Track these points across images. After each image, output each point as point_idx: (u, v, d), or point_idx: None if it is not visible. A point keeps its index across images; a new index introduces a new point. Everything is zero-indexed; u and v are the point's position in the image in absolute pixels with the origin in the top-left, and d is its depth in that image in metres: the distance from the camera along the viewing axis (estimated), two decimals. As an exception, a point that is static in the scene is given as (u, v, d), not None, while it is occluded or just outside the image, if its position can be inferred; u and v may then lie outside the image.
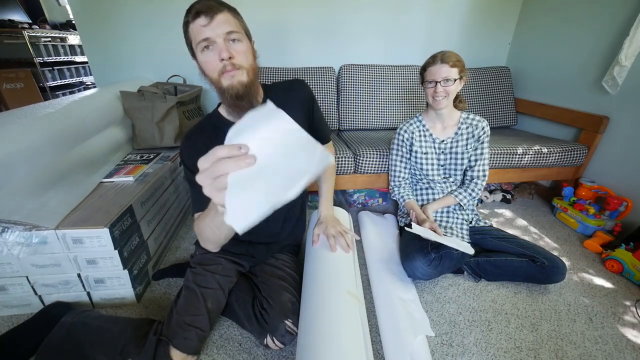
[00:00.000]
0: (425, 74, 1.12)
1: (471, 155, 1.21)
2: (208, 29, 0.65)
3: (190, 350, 0.75)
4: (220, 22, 0.66)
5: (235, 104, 0.73)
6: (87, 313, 0.87)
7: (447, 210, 1.25)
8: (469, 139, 1.19)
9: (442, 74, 1.06)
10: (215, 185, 0.38)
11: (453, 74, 1.06)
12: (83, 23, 1.68)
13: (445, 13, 1.95)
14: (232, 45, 0.68)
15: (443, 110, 1.14)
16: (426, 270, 1.03)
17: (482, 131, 1.18)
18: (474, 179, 1.22)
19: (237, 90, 0.70)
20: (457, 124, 1.20)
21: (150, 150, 1.44)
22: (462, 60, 1.09)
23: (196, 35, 0.67)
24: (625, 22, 1.39)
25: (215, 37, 0.66)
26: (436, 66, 1.07)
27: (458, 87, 1.10)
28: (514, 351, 0.88)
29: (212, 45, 0.67)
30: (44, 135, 1.00)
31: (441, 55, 1.07)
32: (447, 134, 1.22)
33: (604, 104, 1.51)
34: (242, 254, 0.95)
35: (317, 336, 0.69)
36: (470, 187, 1.23)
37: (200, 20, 0.65)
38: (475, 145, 1.20)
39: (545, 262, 1.03)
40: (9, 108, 2.62)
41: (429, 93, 1.12)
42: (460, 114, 1.21)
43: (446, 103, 1.11)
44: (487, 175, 1.22)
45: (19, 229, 0.84)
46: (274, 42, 1.88)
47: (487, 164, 1.22)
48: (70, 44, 3.36)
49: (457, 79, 1.07)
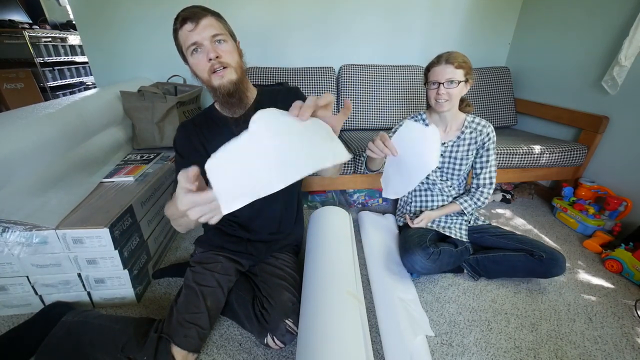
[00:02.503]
0: (429, 74, 1.07)
1: (476, 163, 1.17)
2: (195, 33, 0.70)
3: (191, 347, 0.75)
4: (205, 26, 0.71)
5: (227, 100, 0.79)
6: (88, 313, 0.87)
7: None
8: (471, 144, 1.14)
9: (446, 75, 1.01)
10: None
11: (458, 76, 1.01)
12: (83, 23, 1.68)
13: (445, 13, 1.95)
14: (218, 46, 0.73)
15: (446, 113, 1.10)
16: (425, 263, 1.03)
17: (486, 137, 1.12)
18: (480, 187, 1.18)
19: (228, 88, 0.75)
20: (460, 128, 1.15)
21: (151, 150, 1.44)
22: (469, 63, 1.03)
23: (185, 40, 0.72)
24: (625, 22, 1.39)
25: (202, 40, 0.71)
26: (440, 67, 1.02)
27: (463, 90, 1.04)
28: (514, 351, 0.88)
29: (200, 48, 0.72)
30: (44, 135, 1.00)
31: (447, 55, 1.02)
32: (448, 137, 1.16)
33: (604, 104, 1.51)
34: (241, 252, 0.95)
35: (317, 336, 0.69)
36: (476, 196, 1.18)
37: (187, 26, 0.70)
38: (480, 153, 1.15)
39: (544, 255, 1.03)
40: (9, 108, 2.62)
41: (431, 95, 1.07)
42: (466, 117, 1.15)
43: (449, 106, 1.06)
44: (494, 183, 1.17)
45: (19, 229, 0.84)
46: (274, 42, 1.88)
47: (494, 170, 1.16)
48: (70, 44, 3.36)
49: (462, 82, 1.02)
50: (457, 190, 1.24)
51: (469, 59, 1.04)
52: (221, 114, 0.87)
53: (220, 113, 0.87)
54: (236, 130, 0.84)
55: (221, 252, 0.94)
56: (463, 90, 1.04)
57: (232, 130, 0.84)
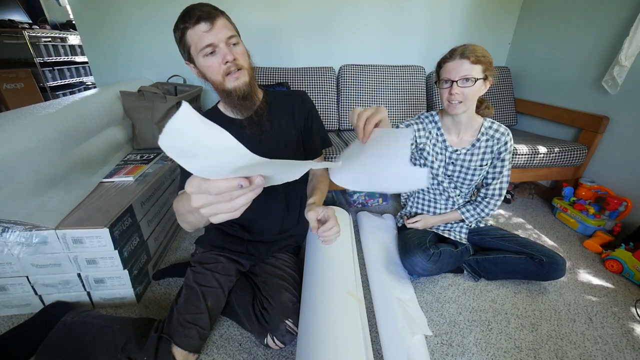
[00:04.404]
0: (441, 71, 0.94)
1: (488, 173, 1.08)
2: (211, 34, 0.68)
3: (192, 348, 0.75)
4: (221, 27, 0.69)
5: (241, 103, 0.79)
6: (87, 313, 0.87)
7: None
8: (486, 153, 1.03)
9: (461, 72, 0.87)
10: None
11: (475, 73, 0.87)
12: (83, 23, 1.68)
13: (445, 13, 1.95)
14: (233, 48, 0.72)
15: (460, 116, 0.97)
16: (426, 265, 1.02)
17: (503, 147, 1.01)
18: (487, 198, 1.10)
19: (243, 91, 0.76)
20: (476, 135, 1.02)
21: (150, 150, 1.44)
22: (490, 57, 0.89)
23: (197, 40, 0.69)
24: (625, 22, 1.39)
25: (218, 41, 0.69)
26: (454, 62, 0.88)
27: (481, 89, 0.91)
28: (514, 351, 0.88)
29: (215, 50, 0.70)
30: (44, 135, 1.00)
31: (462, 49, 0.88)
32: (462, 144, 1.04)
33: (604, 104, 1.51)
34: (242, 253, 0.95)
35: (317, 336, 0.69)
36: (481, 207, 1.11)
37: (202, 26, 0.67)
38: (494, 163, 1.05)
39: (544, 258, 1.03)
40: (9, 108, 2.62)
41: (444, 95, 0.93)
42: (483, 122, 1.02)
43: (463, 108, 0.92)
44: (503, 195, 1.08)
45: (19, 229, 0.84)
46: (274, 43, 1.88)
47: (505, 182, 1.06)
48: (70, 44, 3.35)
49: (480, 79, 0.88)
50: (465, 199, 1.19)
51: (489, 52, 0.90)
52: (226, 115, 0.86)
53: (225, 114, 0.87)
54: (249, 131, 0.84)
55: (222, 252, 0.93)
56: (481, 89, 0.91)
57: (239, 131, 0.83)
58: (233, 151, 0.30)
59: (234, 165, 0.32)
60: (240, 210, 0.36)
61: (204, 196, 0.35)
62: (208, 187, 0.33)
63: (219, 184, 0.33)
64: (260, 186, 0.35)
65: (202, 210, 0.35)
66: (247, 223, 0.97)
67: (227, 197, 0.34)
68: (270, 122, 0.87)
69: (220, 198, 0.34)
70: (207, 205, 0.35)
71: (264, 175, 0.36)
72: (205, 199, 0.35)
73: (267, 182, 0.37)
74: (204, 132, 0.28)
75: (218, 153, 0.30)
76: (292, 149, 0.91)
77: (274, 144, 0.88)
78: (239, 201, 0.35)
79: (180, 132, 0.27)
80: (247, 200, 0.35)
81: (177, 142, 0.28)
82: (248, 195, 0.35)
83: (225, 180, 0.33)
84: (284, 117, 0.90)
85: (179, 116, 0.26)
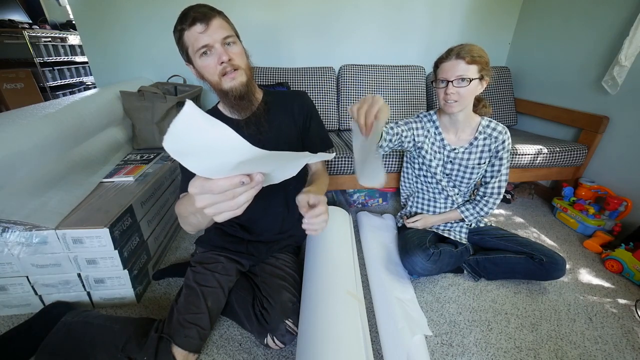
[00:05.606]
0: (438, 71, 0.96)
1: (486, 171, 1.10)
2: (206, 35, 0.68)
3: (192, 347, 0.75)
4: (216, 27, 0.69)
5: (238, 103, 0.79)
6: (88, 313, 0.87)
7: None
8: (484, 152, 1.05)
9: (456, 72, 0.89)
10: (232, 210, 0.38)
11: (470, 73, 0.89)
12: (83, 23, 1.68)
13: (445, 13, 1.95)
14: (229, 48, 0.72)
15: (457, 115, 0.99)
16: (425, 265, 1.02)
17: (501, 145, 1.02)
18: (486, 196, 1.11)
19: (240, 91, 0.75)
20: (474, 133, 1.04)
21: (150, 150, 1.44)
22: (486, 57, 0.90)
23: (194, 42, 0.70)
24: (625, 22, 1.39)
25: (213, 42, 0.69)
26: (450, 62, 0.90)
27: (477, 89, 0.93)
28: (514, 351, 0.88)
29: (210, 50, 0.70)
30: (44, 135, 1.00)
31: (458, 49, 0.90)
32: (459, 143, 1.06)
33: (604, 104, 1.51)
34: (242, 252, 0.95)
35: (317, 336, 0.69)
36: (480, 205, 1.12)
37: (197, 27, 0.68)
38: (492, 161, 1.07)
39: (544, 258, 1.03)
40: (9, 108, 2.62)
41: (440, 95, 0.96)
42: (481, 121, 1.04)
43: (459, 108, 0.95)
44: (502, 193, 1.09)
45: (19, 229, 0.84)
46: (274, 43, 1.88)
47: (504, 180, 1.08)
48: (70, 44, 3.36)
49: (476, 79, 0.90)
50: (464, 198, 1.20)
51: (485, 52, 0.92)
52: (225, 115, 0.87)
53: (224, 114, 0.87)
54: (247, 131, 0.84)
55: (222, 252, 0.93)
56: (477, 89, 0.94)
57: (237, 131, 0.83)
58: (235, 144, 0.31)
59: (235, 162, 0.33)
60: (242, 208, 0.38)
61: (208, 196, 0.36)
62: (211, 187, 0.35)
63: (221, 183, 0.34)
64: (260, 183, 0.37)
65: (206, 210, 0.36)
66: (247, 223, 0.97)
67: (229, 195, 0.35)
68: (270, 122, 0.87)
69: (223, 197, 0.35)
70: (211, 205, 0.36)
71: (264, 172, 0.37)
72: (209, 198, 0.36)
73: (266, 180, 0.37)
74: (207, 129, 0.29)
75: (220, 149, 0.31)
76: (292, 149, 0.90)
77: (273, 144, 0.88)
78: (241, 198, 0.36)
79: (184, 132, 0.27)
80: (248, 197, 0.37)
81: (181, 142, 0.28)
82: (249, 192, 0.37)
83: (227, 179, 0.34)
84: (284, 117, 0.90)
85: (182, 116, 0.26)
